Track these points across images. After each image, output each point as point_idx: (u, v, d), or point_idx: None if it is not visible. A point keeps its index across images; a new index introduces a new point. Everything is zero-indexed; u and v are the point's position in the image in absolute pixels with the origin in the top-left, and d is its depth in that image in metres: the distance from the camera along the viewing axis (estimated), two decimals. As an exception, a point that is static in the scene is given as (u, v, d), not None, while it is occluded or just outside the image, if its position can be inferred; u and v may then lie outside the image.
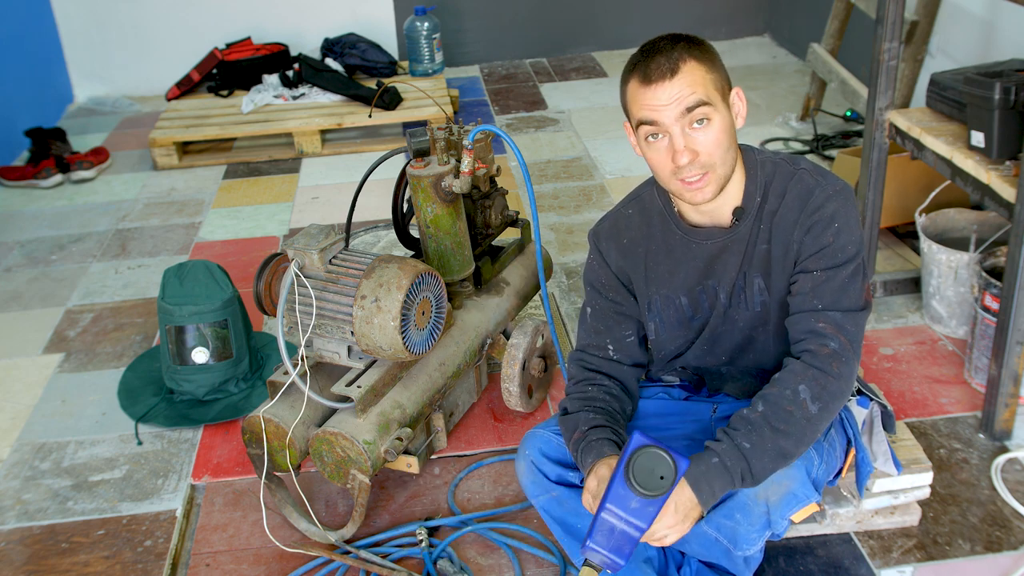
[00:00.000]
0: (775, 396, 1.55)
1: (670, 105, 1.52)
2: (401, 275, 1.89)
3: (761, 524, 1.61)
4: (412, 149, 2.22)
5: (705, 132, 1.55)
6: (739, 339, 1.75)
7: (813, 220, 1.60)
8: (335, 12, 5.11)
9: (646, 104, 1.54)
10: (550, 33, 5.46)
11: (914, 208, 2.74)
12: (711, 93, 1.55)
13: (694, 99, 1.52)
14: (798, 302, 1.62)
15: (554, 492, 1.73)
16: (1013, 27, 3.06)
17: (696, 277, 1.72)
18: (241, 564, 2.00)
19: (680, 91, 1.52)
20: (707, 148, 1.55)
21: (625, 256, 1.77)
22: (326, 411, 2.04)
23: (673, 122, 1.54)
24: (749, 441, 1.52)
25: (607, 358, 1.78)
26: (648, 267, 1.75)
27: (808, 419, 1.54)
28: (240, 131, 4.23)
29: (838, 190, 1.62)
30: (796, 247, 1.63)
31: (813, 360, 1.57)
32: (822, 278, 1.60)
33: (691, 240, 1.70)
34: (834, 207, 1.60)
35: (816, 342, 1.58)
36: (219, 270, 2.50)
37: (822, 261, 1.60)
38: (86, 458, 2.36)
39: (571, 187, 3.74)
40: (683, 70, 1.52)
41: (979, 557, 1.90)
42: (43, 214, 3.81)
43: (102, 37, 5.04)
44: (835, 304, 1.59)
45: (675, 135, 1.54)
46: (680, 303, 1.74)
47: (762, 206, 1.65)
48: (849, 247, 1.60)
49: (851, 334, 1.59)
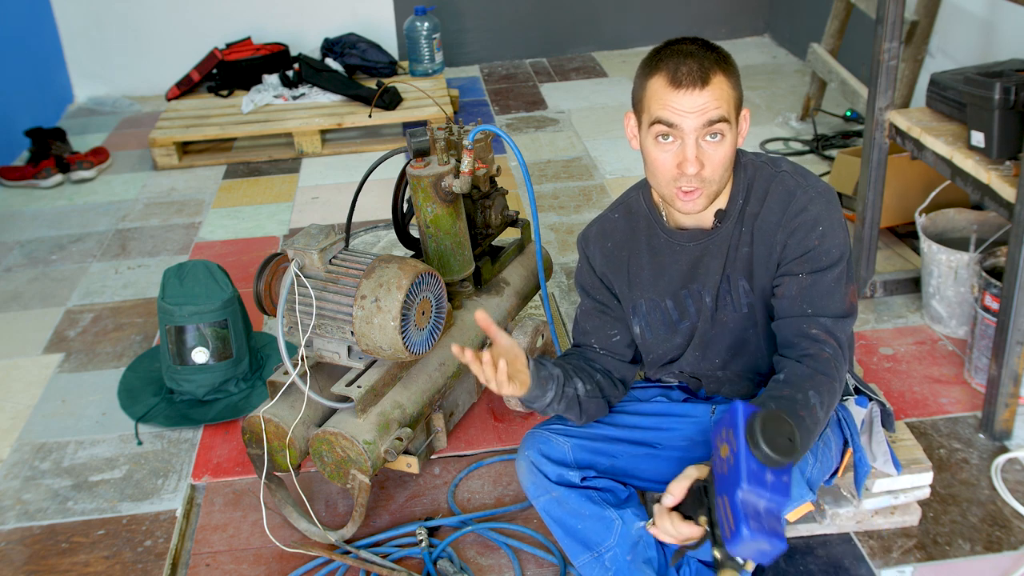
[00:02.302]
0: (787, 400, 1.52)
1: (694, 114, 1.52)
2: (401, 275, 1.89)
3: None
4: (412, 149, 2.21)
5: (716, 148, 1.55)
6: (730, 341, 1.75)
7: (797, 223, 1.61)
8: (335, 12, 5.11)
9: (670, 105, 1.53)
10: (550, 33, 5.46)
11: (914, 208, 2.74)
12: (731, 111, 1.55)
13: (717, 114, 1.52)
14: (785, 306, 1.62)
15: (554, 492, 1.73)
16: (1013, 27, 3.06)
17: (680, 280, 1.73)
18: (241, 564, 2.00)
19: (707, 103, 1.52)
20: (714, 163, 1.56)
21: (608, 260, 1.79)
22: (326, 411, 2.04)
23: (692, 131, 1.53)
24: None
25: (594, 355, 1.82)
26: (631, 272, 1.77)
27: (815, 424, 1.53)
28: (240, 131, 4.23)
29: (820, 192, 1.62)
30: (779, 249, 1.63)
31: (818, 366, 1.55)
32: (807, 281, 1.60)
33: (674, 243, 1.72)
34: (817, 209, 1.61)
35: (815, 347, 1.57)
36: (219, 270, 2.50)
37: (807, 264, 1.60)
38: (86, 458, 2.36)
39: (571, 187, 3.74)
40: (714, 82, 1.52)
41: (979, 557, 1.90)
42: (43, 214, 3.81)
43: (102, 37, 5.04)
44: (823, 310, 1.59)
45: (689, 144, 1.54)
46: (666, 307, 1.75)
47: (744, 208, 1.66)
48: (834, 250, 1.60)
49: (841, 340, 1.60)
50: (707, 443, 1.82)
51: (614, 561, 1.70)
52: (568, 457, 1.74)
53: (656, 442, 1.81)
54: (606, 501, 1.72)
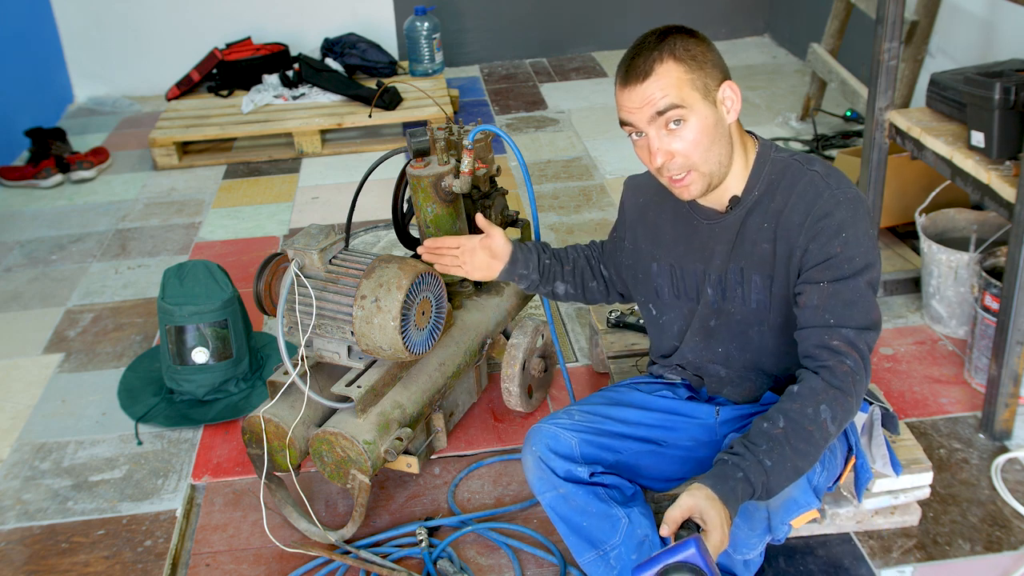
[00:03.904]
0: (796, 414, 1.51)
1: (642, 108, 1.55)
2: (401, 275, 1.89)
3: (761, 529, 1.62)
4: (412, 149, 2.21)
5: (681, 133, 1.56)
6: (734, 334, 1.75)
7: (819, 227, 1.58)
8: (335, 12, 5.11)
9: (622, 105, 1.59)
10: (550, 33, 5.46)
11: (914, 208, 2.74)
12: (687, 94, 1.54)
13: (665, 102, 1.54)
14: (807, 315, 1.59)
15: (562, 489, 1.71)
16: (1013, 27, 3.06)
17: (690, 256, 1.76)
18: (241, 564, 2.00)
19: (651, 94, 1.54)
20: (683, 149, 1.57)
21: (639, 213, 1.87)
22: (326, 411, 2.04)
23: (646, 124, 1.57)
24: (771, 459, 1.49)
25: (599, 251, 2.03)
26: (657, 231, 1.82)
27: (826, 439, 1.52)
28: (240, 131, 4.23)
29: (849, 198, 1.59)
30: (800, 253, 1.60)
31: (833, 379, 1.53)
32: (829, 291, 1.56)
33: (693, 216, 1.75)
34: (842, 216, 1.57)
35: (834, 359, 1.54)
36: (219, 270, 2.50)
37: (828, 272, 1.57)
38: (86, 458, 2.36)
39: (571, 187, 3.74)
40: (657, 72, 1.53)
41: (979, 557, 1.90)
42: (43, 214, 3.81)
43: (102, 37, 5.04)
44: (846, 320, 1.55)
45: (651, 137, 1.58)
46: (677, 274, 1.79)
47: (765, 203, 1.65)
48: (857, 259, 1.56)
49: (863, 353, 1.56)
50: (711, 444, 1.82)
51: (619, 560, 1.69)
52: (575, 452, 1.74)
53: (661, 440, 1.81)
54: (612, 499, 1.72)
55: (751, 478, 1.47)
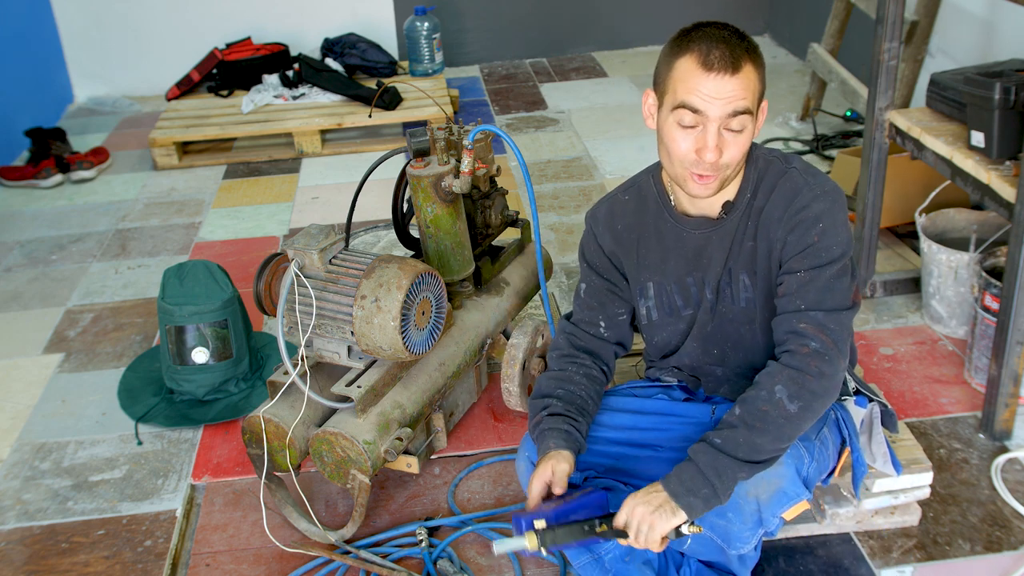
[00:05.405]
0: (751, 397, 1.57)
1: (721, 101, 1.50)
2: (401, 275, 1.89)
3: (753, 522, 1.62)
4: (412, 149, 2.22)
5: (737, 138, 1.54)
6: (728, 335, 1.75)
7: (797, 219, 1.60)
8: (335, 12, 5.11)
9: (698, 90, 1.50)
10: (550, 33, 5.46)
11: (914, 208, 2.74)
12: (754, 104, 1.54)
13: (743, 104, 1.51)
14: (783, 303, 1.62)
15: None
16: (1013, 27, 3.06)
17: (685, 267, 1.74)
18: (241, 564, 2.00)
19: (736, 92, 1.50)
20: (732, 154, 1.55)
21: (618, 242, 1.79)
22: (326, 411, 2.04)
23: (716, 119, 1.51)
24: (720, 437, 1.54)
25: (597, 336, 1.82)
26: (640, 254, 1.78)
27: (787, 418, 1.54)
28: (240, 131, 4.23)
29: (826, 191, 1.61)
30: (780, 246, 1.63)
31: (791, 360, 1.57)
32: (806, 278, 1.59)
33: (680, 229, 1.72)
34: (820, 208, 1.59)
35: (796, 342, 1.58)
36: (219, 270, 2.50)
37: (806, 261, 1.59)
38: (86, 458, 2.36)
39: (571, 187, 3.74)
40: (744, 71, 1.50)
41: (979, 557, 1.90)
42: (43, 214, 3.81)
43: (102, 37, 5.04)
44: (818, 304, 1.58)
45: (711, 132, 1.52)
46: (671, 290, 1.77)
47: (751, 202, 1.66)
48: (834, 247, 1.59)
49: (834, 333, 1.57)
50: None
51: (614, 563, 1.70)
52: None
53: (656, 443, 1.81)
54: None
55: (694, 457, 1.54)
